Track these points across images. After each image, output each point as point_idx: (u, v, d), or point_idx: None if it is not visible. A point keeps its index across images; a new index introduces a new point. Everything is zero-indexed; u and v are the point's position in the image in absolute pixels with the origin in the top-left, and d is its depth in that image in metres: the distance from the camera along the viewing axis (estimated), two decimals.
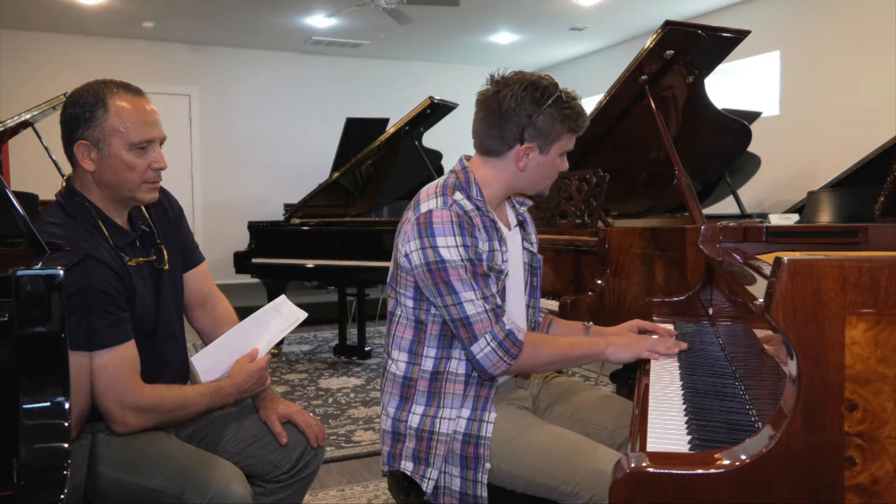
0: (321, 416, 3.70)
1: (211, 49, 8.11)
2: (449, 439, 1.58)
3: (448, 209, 1.56)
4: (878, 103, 5.28)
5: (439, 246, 1.53)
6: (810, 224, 3.10)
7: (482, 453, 1.55)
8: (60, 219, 1.50)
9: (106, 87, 1.51)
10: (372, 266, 4.57)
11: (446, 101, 4.80)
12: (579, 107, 1.64)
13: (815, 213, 3.33)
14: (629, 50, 6.79)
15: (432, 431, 1.59)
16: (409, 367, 1.64)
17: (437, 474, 1.58)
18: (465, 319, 1.53)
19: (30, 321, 1.11)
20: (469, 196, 1.62)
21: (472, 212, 1.59)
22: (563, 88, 1.63)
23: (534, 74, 1.63)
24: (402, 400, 1.64)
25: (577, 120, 1.64)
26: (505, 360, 1.54)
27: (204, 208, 8.17)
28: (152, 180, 1.55)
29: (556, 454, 1.49)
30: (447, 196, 1.59)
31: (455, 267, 1.53)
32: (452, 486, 1.58)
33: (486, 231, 1.61)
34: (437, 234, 1.54)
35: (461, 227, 1.54)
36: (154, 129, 1.53)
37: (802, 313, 0.91)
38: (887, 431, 0.90)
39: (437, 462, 1.59)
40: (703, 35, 2.63)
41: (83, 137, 1.49)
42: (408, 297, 1.63)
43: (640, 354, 1.62)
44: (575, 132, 1.67)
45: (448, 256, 1.53)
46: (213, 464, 1.49)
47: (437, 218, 1.54)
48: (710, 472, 0.92)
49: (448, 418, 1.59)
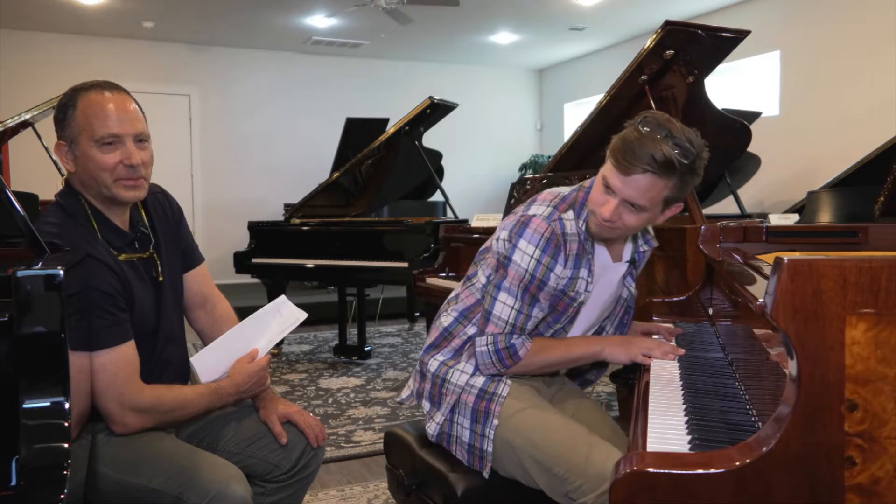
0: (321, 416, 3.70)
1: (211, 49, 8.11)
2: (459, 390, 1.67)
3: (549, 222, 1.60)
4: (878, 103, 5.28)
5: (518, 247, 1.60)
6: (810, 224, 3.10)
7: (493, 409, 1.62)
8: (59, 218, 1.50)
9: (81, 87, 1.51)
10: (372, 266, 4.56)
11: (446, 101, 4.80)
12: None
13: (815, 213, 3.33)
14: (629, 50, 6.80)
15: (445, 379, 1.71)
16: (455, 323, 1.75)
17: (443, 420, 1.69)
18: (488, 313, 1.64)
19: (30, 321, 1.11)
20: (577, 217, 1.63)
21: (570, 235, 1.62)
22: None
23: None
24: (434, 347, 1.77)
25: None
26: (496, 366, 1.64)
27: (204, 208, 8.17)
28: (126, 177, 1.50)
29: (557, 437, 1.53)
30: (557, 210, 1.63)
31: (516, 271, 1.60)
32: (462, 437, 1.66)
33: (576, 258, 1.63)
34: (524, 237, 1.60)
35: (547, 244, 1.59)
36: (121, 124, 1.48)
37: (802, 313, 0.91)
38: (887, 431, 0.90)
39: (445, 409, 1.69)
40: (703, 35, 2.63)
41: (60, 138, 1.51)
42: (485, 273, 1.72)
43: (635, 357, 1.62)
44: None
45: (517, 259, 1.60)
46: (213, 464, 1.48)
47: (534, 225, 1.60)
48: (709, 473, 0.92)
49: (463, 372, 1.69)
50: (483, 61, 8.99)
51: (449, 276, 3.73)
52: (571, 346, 1.69)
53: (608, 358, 1.67)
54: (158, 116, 1.66)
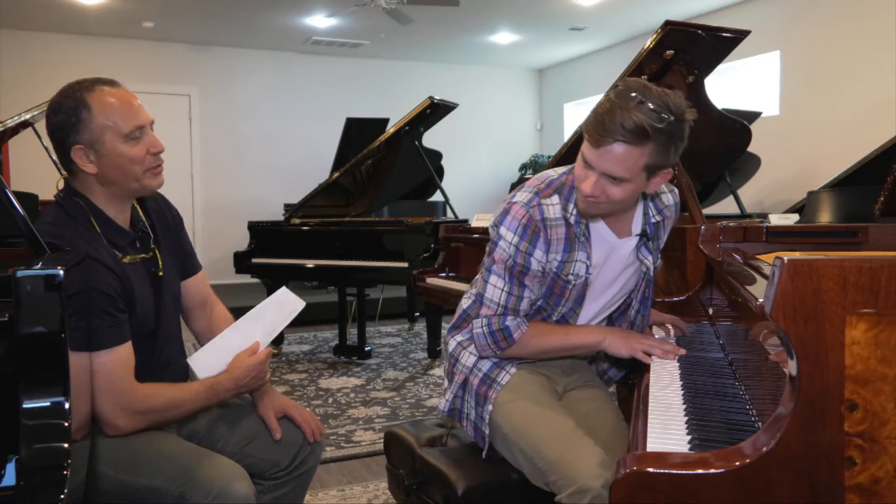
0: (321, 416, 3.70)
1: (211, 49, 8.11)
2: (468, 371, 1.74)
3: (527, 209, 1.61)
4: (878, 103, 5.28)
5: (501, 234, 1.64)
6: (810, 224, 3.10)
7: (491, 395, 1.68)
8: (59, 219, 1.49)
9: (81, 87, 1.49)
10: (372, 266, 4.56)
11: (446, 101, 4.80)
12: None
13: (815, 213, 3.33)
14: (629, 50, 6.79)
15: (457, 359, 1.78)
16: (472, 304, 1.79)
17: (453, 396, 1.77)
18: (482, 297, 1.68)
19: (30, 321, 1.11)
20: (566, 200, 1.62)
21: (552, 220, 1.61)
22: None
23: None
24: (455, 328, 1.84)
25: None
26: (492, 348, 1.68)
27: (204, 208, 8.16)
28: (154, 165, 1.55)
29: (539, 432, 1.55)
30: (538, 196, 1.62)
31: (500, 255, 1.64)
32: (470, 415, 1.74)
33: (566, 242, 1.62)
34: (503, 224, 1.64)
35: (525, 231, 1.61)
36: (141, 114, 1.52)
37: (802, 313, 0.91)
38: (887, 431, 0.90)
39: (455, 387, 1.77)
40: (703, 35, 2.63)
41: (77, 143, 1.48)
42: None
43: (635, 353, 1.62)
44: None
45: (501, 245, 1.64)
46: (215, 462, 1.48)
47: (513, 212, 1.63)
48: (710, 473, 0.92)
49: (472, 354, 1.74)
50: (483, 61, 8.99)
51: (449, 275, 3.73)
52: (571, 333, 1.69)
53: (608, 349, 1.67)
54: (158, 116, 1.64)
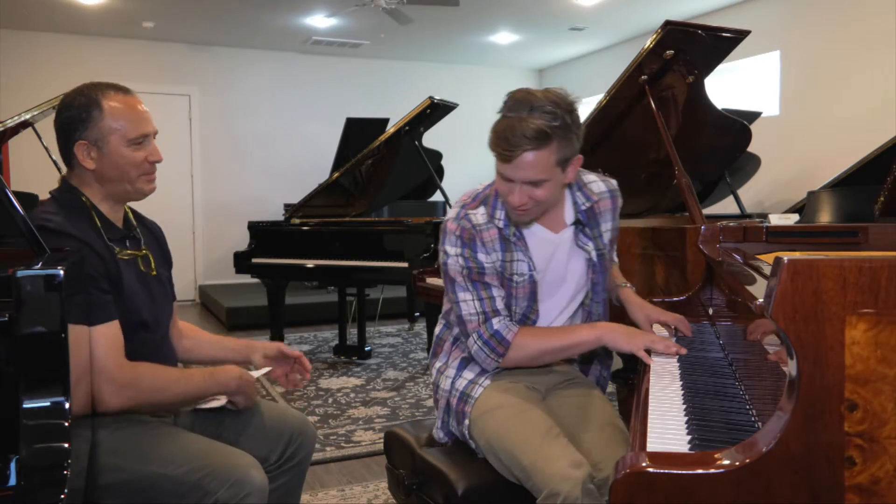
0: (321, 415, 3.71)
1: (211, 49, 8.10)
2: (447, 394, 1.78)
3: (457, 222, 1.72)
4: (878, 103, 5.27)
5: (446, 252, 1.73)
6: (810, 224, 3.09)
7: (466, 410, 1.72)
8: (54, 208, 1.54)
9: (97, 88, 1.59)
10: (372, 266, 4.57)
11: (446, 101, 4.80)
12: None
13: (815, 213, 3.33)
14: (629, 50, 6.80)
15: (437, 385, 1.84)
16: (442, 329, 1.88)
17: (441, 423, 1.82)
18: (461, 317, 1.72)
19: (30, 321, 1.11)
20: (493, 208, 1.72)
21: (481, 226, 1.71)
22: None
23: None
24: (433, 355, 1.91)
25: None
26: (492, 357, 1.69)
27: (204, 208, 8.16)
28: (149, 172, 1.65)
29: (511, 439, 1.57)
30: (464, 209, 1.74)
31: (453, 269, 1.71)
32: (457, 434, 1.78)
33: (500, 242, 1.72)
34: (444, 242, 1.74)
35: (461, 240, 1.71)
36: (148, 124, 1.63)
37: (802, 313, 0.91)
38: (887, 431, 0.90)
39: (441, 413, 1.82)
40: (703, 35, 2.63)
41: (82, 138, 1.56)
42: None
43: (636, 349, 1.62)
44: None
45: (450, 262, 1.72)
46: (230, 451, 1.53)
47: (448, 229, 1.73)
48: (709, 473, 0.92)
49: (449, 377, 1.80)
50: (483, 61, 8.99)
51: None
52: (569, 330, 1.71)
53: (609, 344, 1.68)
54: (158, 116, 1.66)
